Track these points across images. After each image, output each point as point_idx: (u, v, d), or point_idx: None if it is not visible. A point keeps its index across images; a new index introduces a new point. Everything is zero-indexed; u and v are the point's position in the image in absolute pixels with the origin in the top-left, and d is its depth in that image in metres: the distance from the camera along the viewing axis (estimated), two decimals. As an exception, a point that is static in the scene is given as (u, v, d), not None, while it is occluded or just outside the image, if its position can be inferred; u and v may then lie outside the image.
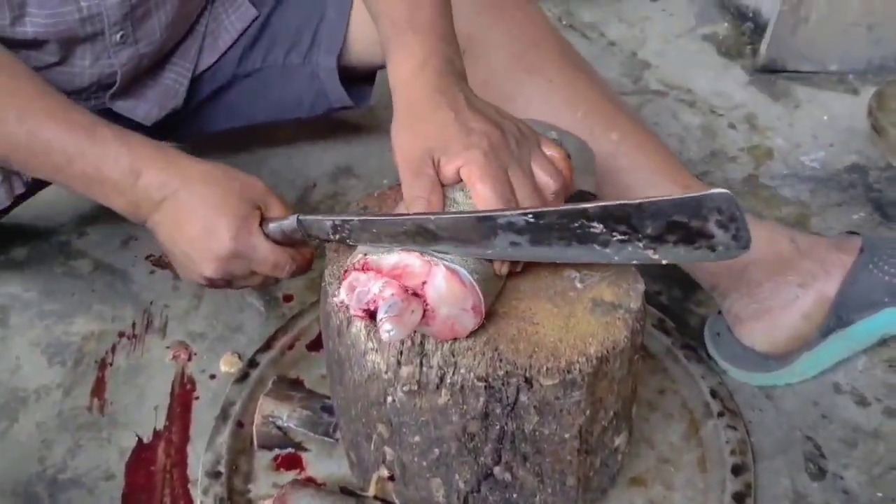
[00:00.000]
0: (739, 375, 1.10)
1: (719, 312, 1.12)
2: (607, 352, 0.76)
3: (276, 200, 0.90)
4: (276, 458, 1.00)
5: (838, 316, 1.05)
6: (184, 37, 1.17)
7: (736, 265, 1.07)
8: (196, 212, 0.87)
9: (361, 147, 1.48)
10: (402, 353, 0.76)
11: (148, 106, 1.15)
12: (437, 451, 0.81)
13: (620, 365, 0.78)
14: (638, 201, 0.68)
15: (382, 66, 1.25)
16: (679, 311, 1.20)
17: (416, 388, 0.76)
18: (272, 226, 0.87)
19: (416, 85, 0.82)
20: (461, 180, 0.78)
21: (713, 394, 1.06)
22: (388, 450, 0.84)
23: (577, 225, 0.71)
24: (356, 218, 0.79)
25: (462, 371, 0.75)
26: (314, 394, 1.03)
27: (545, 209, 0.72)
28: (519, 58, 1.11)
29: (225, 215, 0.86)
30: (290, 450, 1.00)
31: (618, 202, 0.69)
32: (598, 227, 0.70)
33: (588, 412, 0.78)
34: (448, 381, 0.75)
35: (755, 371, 1.09)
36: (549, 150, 0.81)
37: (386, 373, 0.77)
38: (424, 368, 0.76)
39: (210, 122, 1.29)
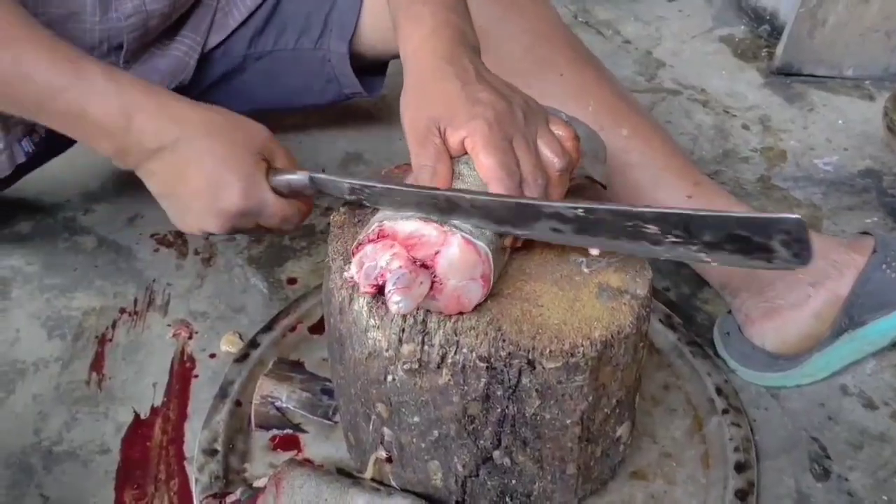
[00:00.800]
0: (749, 376, 1.08)
1: (729, 312, 1.11)
2: (612, 337, 0.75)
3: (281, 150, 0.88)
4: (273, 439, 0.98)
5: (850, 316, 1.03)
6: (194, 8, 1.16)
7: None
8: (200, 165, 0.83)
9: (372, 135, 1.47)
10: (403, 330, 0.75)
11: (158, 77, 1.14)
12: (436, 432, 0.79)
13: (625, 351, 0.77)
14: (702, 213, 0.67)
15: (395, 56, 1.26)
16: (686, 307, 1.18)
17: (416, 366, 0.75)
18: (279, 178, 0.85)
19: (424, 54, 0.82)
20: (466, 152, 0.77)
21: (718, 391, 1.04)
22: (386, 430, 0.83)
23: (630, 224, 0.70)
24: (379, 185, 0.77)
25: (464, 350, 0.74)
26: (315, 376, 1.02)
27: (596, 206, 0.71)
28: (530, 50, 1.11)
29: (232, 170, 0.83)
30: (287, 431, 0.99)
31: (678, 210, 0.68)
32: (652, 229, 0.70)
33: (591, 398, 0.77)
34: (449, 360, 0.74)
35: (765, 371, 1.07)
36: (558, 129, 0.81)
37: (387, 350, 0.76)
38: (426, 347, 0.75)
39: (220, 105, 1.27)
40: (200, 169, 0.83)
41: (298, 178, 0.84)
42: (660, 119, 1.44)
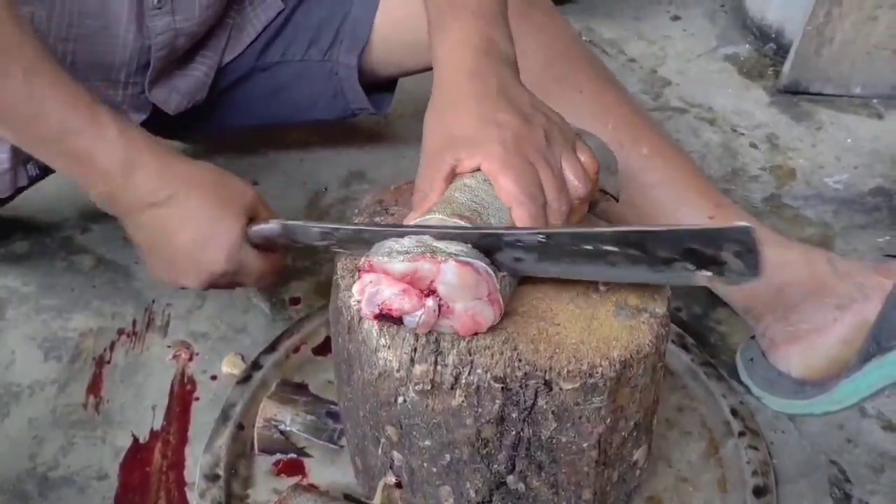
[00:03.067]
0: (775, 403, 1.05)
1: (752, 337, 1.09)
2: (631, 356, 0.72)
3: (265, 208, 0.88)
4: (276, 464, 0.96)
5: (878, 342, 1.00)
6: (213, 28, 1.14)
7: (772, 286, 1.04)
8: (188, 224, 0.84)
9: (376, 153, 1.45)
10: (416, 350, 0.72)
11: (179, 97, 1.13)
12: (448, 456, 0.76)
13: (644, 371, 0.75)
14: (657, 229, 0.68)
15: (405, 74, 1.25)
16: (699, 328, 1.16)
17: (429, 387, 0.72)
18: (254, 229, 0.86)
19: (450, 66, 0.80)
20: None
21: (734, 412, 1.01)
22: (396, 454, 0.80)
23: (589, 247, 0.69)
24: (347, 227, 0.78)
25: (479, 371, 0.71)
26: (319, 399, 1.00)
27: (557, 230, 0.71)
28: (549, 66, 1.09)
29: (218, 233, 0.84)
30: (292, 455, 0.96)
31: (636, 228, 0.68)
32: (610, 249, 0.69)
33: (608, 421, 0.75)
34: (463, 381, 0.71)
35: (791, 398, 1.04)
36: (583, 155, 0.78)
37: (398, 371, 0.73)
38: (439, 367, 0.72)
39: (225, 118, 1.26)
40: (189, 228, 0.85)
41: (271, 227, 0.85)
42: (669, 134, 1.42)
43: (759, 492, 0.93)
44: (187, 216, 0.84)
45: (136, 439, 0.99)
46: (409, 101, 1.39)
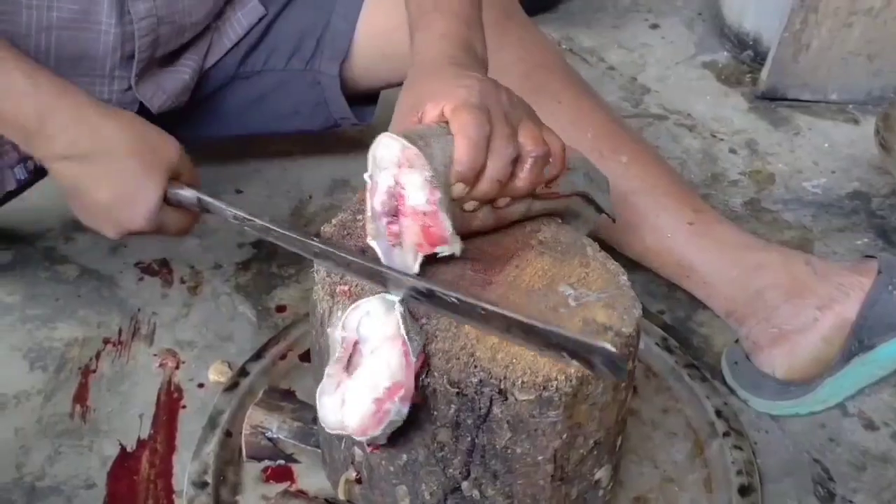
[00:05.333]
0: (760, 405, 1.06)
1: (736, 341, 1.10)
2: (588, 373, 0.71)
3: (188, 165, 0.90)
4: (265, 470, 0.96)
5: (859, 340, 1.02)
6: (200, 30, 1.14)
7: (752, 289, 1.05)
8: (107, 184, 0.86)
9: (359, 162, 1.41)
10: None
11: (164, 96, 1.13)
12: (405, 456, 0.77)
13: (603, 391, 0.74)
14: (538, 326, 0.67)
15: (388, 86, 1.25)
16: (683, 330, 1.17)
17: None
18: (171, 192, 0.88)
19: (428, 53, 0.82)
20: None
21: (718, 413, 1.02)
22: (357, 450, 0.81)
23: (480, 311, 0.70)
24: (258, 221, 0.82)
25: (435, 374, 0.71)
26: (306, 405, 0.99)
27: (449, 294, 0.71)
28: (527, 78, 1.10)
29: (138, 195, 0.86)
30: (280, 462, 0.96)
31: (520, 319, 0.67)
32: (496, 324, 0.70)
33: (565, 436, 0.74)
34: (420, 382, 0.72)
35: (776, 399, 1.05)
36: (548, 136, 0.78)
37: None
38: None
39: (207, 126, 1.26)
40: (107, 188, 0.86)
41: (188, 196, 0.88)
42: (648, 142, 1.43)
43: (744, 491, 0.94)
44: (106, 176, 0.86)
45: (123, 448, 0.99)
46: (393, 110, 1.40)
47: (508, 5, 1.18)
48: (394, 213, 0.74)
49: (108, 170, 0.85)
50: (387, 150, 0.72)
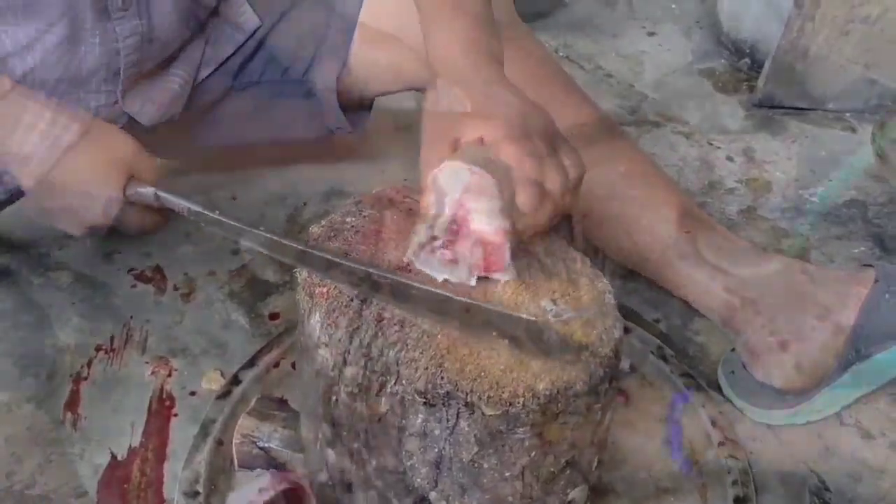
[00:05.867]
0: (757, 415, 1.05)
1: (732, 350, 1.09)
2: (558, 392, 0.70)
3: (147, 162, 0.92)
4: (256, 479, 0.95)
5: (857, 349, 1.01)
6: (189, 41, 1.14)
7: (749, 298, 1.04)
8: (68, 187, 0.89)
9: (354, 169, 1.45)
10: (349, 352, 0.73)
11: (153, 107, 1.12)
12: (374, 462, 0.77)
13: (574, 410, 0.72)
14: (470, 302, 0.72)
15: (383, 94, 1.25)
16: (678, 339, 1.16)
17: (356, 391, 0.73)
18: (130, 191, 0.90)
19: (450, 57, 0.82)
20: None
21: (713, 423, 1.02)
22: (329, 452, 0.80)
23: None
24: (213, 215, 0.84)
25: (403, 382, 0.71)
26: (299, 414, 0.99)
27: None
28: (523, 87, 1.10)
29: (98, 196, 0.89)
30: (272, 470, 0.95)
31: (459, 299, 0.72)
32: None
33: (533, 454, 0.73)
34: (389, 390, 0.72)
35: (773, 409, 1.04)
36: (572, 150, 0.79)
37: (332, 370, 0.74)
38: (367, 372, 0.72)
39: (202, 137, 1.25)
40: (68, 191, 0.90)
41: (146, 193, 0.90)
42: (645, 151, 1.43)
43: (739, 501, 0.94)
44: (66, 180, 0.89)
45: (114, 456, 0.98)
46: (388, 116, 1.40)
47: (505, 13, 1.17)
48: (453, 234, 0.75)
49: (66, 174, 0.88)
50: (455, 174, 0.73)
